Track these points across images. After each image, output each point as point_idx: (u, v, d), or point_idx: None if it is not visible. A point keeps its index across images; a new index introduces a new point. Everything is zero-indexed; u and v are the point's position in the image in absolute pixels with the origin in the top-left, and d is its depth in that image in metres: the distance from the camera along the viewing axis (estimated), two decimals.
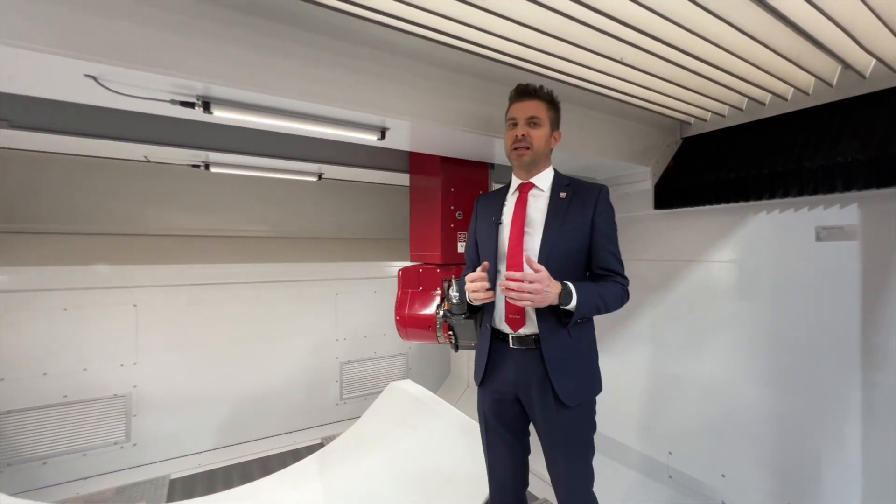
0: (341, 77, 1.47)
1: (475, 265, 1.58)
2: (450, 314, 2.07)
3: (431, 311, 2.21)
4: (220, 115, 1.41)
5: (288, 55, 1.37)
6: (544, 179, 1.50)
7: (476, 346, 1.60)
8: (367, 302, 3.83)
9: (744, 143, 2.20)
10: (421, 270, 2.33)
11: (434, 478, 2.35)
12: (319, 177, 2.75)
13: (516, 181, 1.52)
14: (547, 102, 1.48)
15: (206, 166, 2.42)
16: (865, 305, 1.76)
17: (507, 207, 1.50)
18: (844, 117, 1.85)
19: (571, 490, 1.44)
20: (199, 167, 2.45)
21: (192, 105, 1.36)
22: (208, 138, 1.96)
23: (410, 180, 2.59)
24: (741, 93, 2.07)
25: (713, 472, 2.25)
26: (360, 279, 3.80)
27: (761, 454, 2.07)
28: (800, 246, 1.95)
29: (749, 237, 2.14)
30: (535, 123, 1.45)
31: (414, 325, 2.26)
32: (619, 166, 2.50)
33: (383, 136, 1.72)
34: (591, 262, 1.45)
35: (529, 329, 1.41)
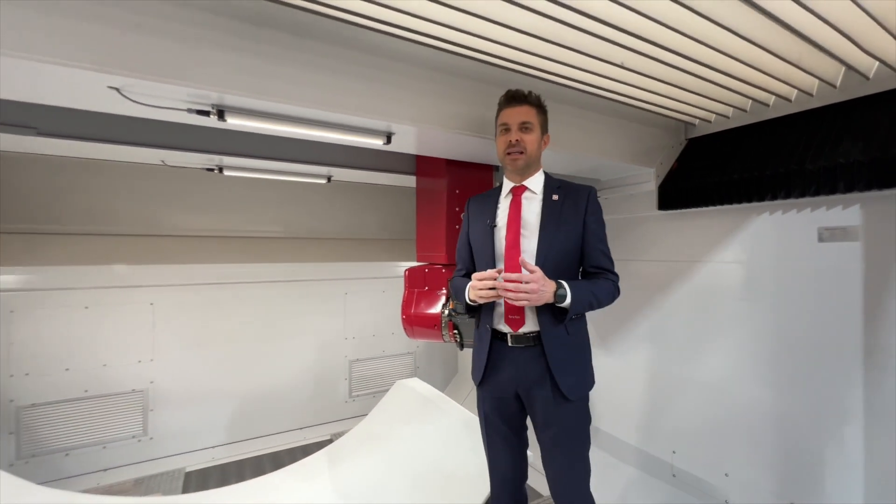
0: (348, 85, 1.53)
1: (467, 266, 1.64)
2: (455, 313, 2.13)
3: (437, 311, 2.26)
4: (234, 123, 1.48)
5: (297, 64, 1.43)
6: (536, 182, 1.54)
7: (473, 347, 1.64)
8: (375, 301, 3.90)
9: (747, 144, 2.21)
10: (427, 270, 2.39)
11: (440, 473, 2.40)
12: (329, 179, 2.82)
13: (509, 184, 1.57)
14: (536, 107, 1.53)
15: (220, 169, 2.50)
16: (867, 306, 1.76)
17: (502, 210, 1.54)
18: (847, 118, 1.86)
19: (568, 487, 1.47)
20: (213, 170, 2.53)
21: (207, 113, 1.43)
22: (222, 143, 2.04)
23: (417, 182, 2.65)
24: (744, 95, 2.08)
25: (716, 471, 2.26)
26: (369, 279, 3.87)
27: (764, 454, 2.08)
28: (802, 247, 1.95)
29: (752, 238, 2.15)
30: (527, 128, 1.50)
31: (420, 324, 2.32)
32: (623, 167, 2.52)
33: (389, 141, 1.78)
34: (583, 260, 1.50)
35: (528, 327, 1.45)
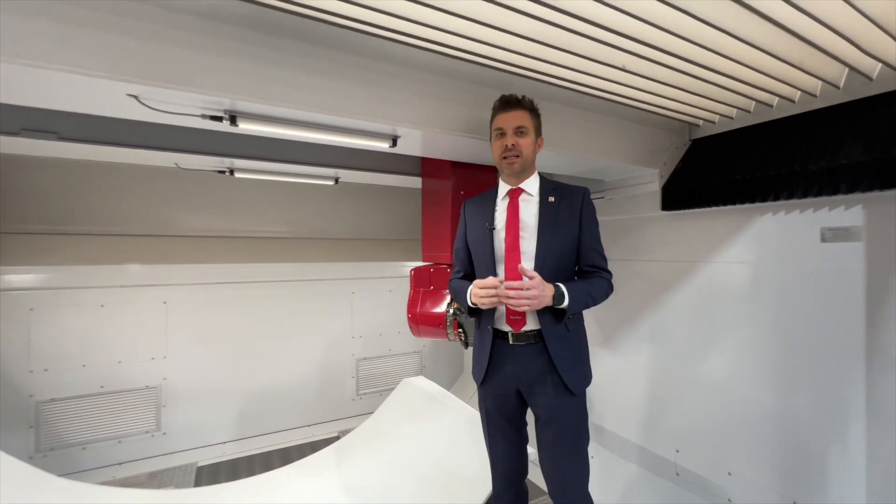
0: (354, 90, 1.57)
1: (465, 268, 1.68)
2: (459, 312, 2.17)
3: (442, 310, 2.30)
4: (245, 127, 1.54)
5: (306, 71, 1.48)
6: (532, 184, 1.58)
7: (474, 346, 1.68)
8: (381, 301, 3.95)
9: (751, 145, 2.22)
10: (432, 270, 2.43)
11: (445, 469, 2.44)
12: (336, 181, 2.88)
13: (505, 187, 1.60)
14: (530, 111, 1.57)
15: (231, 172, 2.57)
16: (870, 306, 1.77)
17: (500, 212, 1.58)
18: (850, 119, 1.86)
19: (569, 486, 1.51)
20: (225, 173, 2.60)
21: (220, 119, 1.49)
22: (233, 146, 2.11)
23: (422, 183, 2.69)
24: (747, 96, 2.08)
25: (720, 470, 2.27)
26: (375, 279, 3.91)
27: (767, 453, 2.08)
28: (805, 247, 1.96)
29: (755, 238, 2.16)
30: (522, 132, 1.54)
31: (425, 323, 2.36)
32: (627, 168, 2.54)
33: (395, 144, 1.82)
34: (579, 259, 1.55)
35: (529, 326, 1.50)
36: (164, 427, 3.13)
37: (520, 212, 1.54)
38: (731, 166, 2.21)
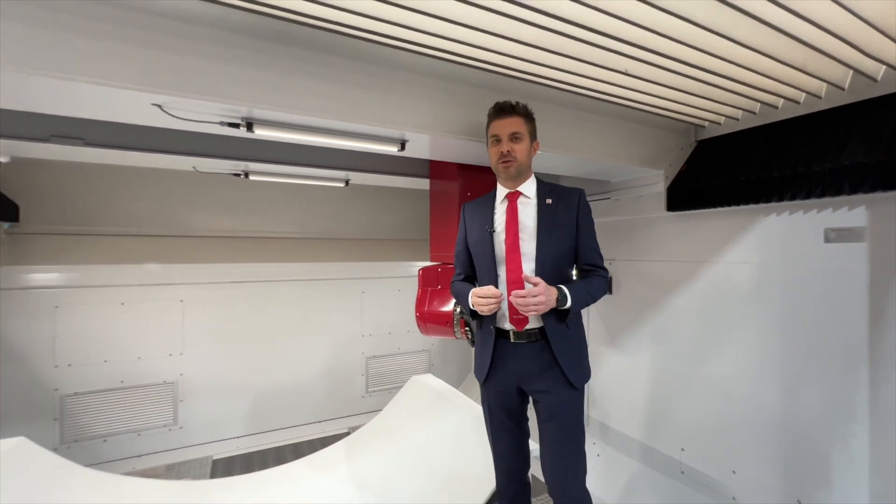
0: (364, 96, 1.64)
1: (466, 270, 1.73)
2: (466, 311, 2.22)
3: (449, 309, 2.36)
4: (261, 133, 1.61)
5: (318, 79, 1.55)
6: (530, 187, 1.63)
7: (476, 345, 1.73)
8: (391, 300, 4.01)
9: (756, 146, 2.24)
10: (440, 270, 2.49)
11: (452, 465, 2.50)
12: (347, 183, 2.96)
13: (503, 190, 1.65)
14: (524, 117, 1.61)
15: (246, 175, 2.66)
16: (873, 306, 1.78)
17: (499, 215, 1.63)
18: (854, 120, 1.87)
19: (569, 481, 1.54)
20: (240, 175, 2.69)
21: (237, 125, 1.57)
22: (249, 151, 2.19)
23: (430, 185, 2.76)
24: (752, 98, 2.10)
25: (724, 468, 2.29)
26: (385, 278, 3.98)
27: (771, 452, 2.10)
28: (809, 247, 1.98)
29: (759, 239, 2.18)
30: (517, 138, 1.58)
31: (433, 321, 2.42)
32: (633, 169, 2.57)
33: (403, 148, 1.89)
34: (576, 258, 1.60)
35: (532, 325, 1.55)
36: (181, 421, 3.24)
37: (518, 214, 1.59)
38: (736, 167, 2.23)
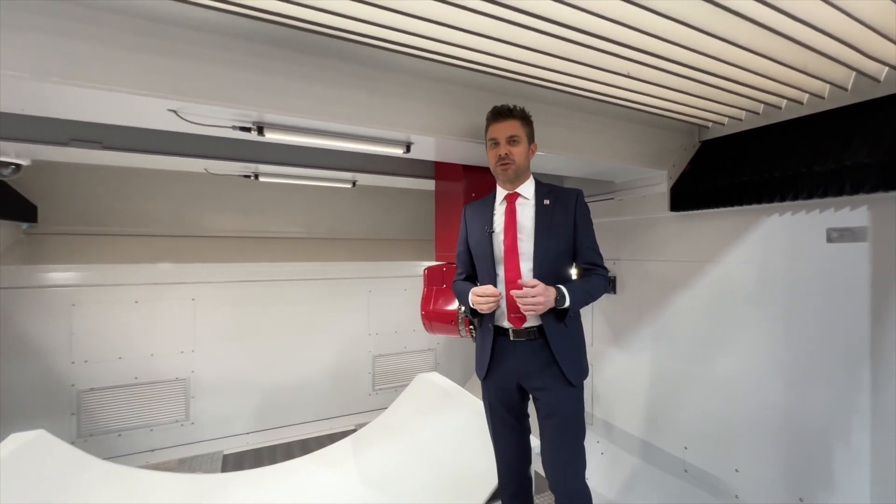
0: (370, 100, 1.69)
1: (467, 270, 1.78)
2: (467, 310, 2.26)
3: (454, 307, 2.40)
4: (272, 137, 1.67)
5: (326, 84, 1.60)
6: (528, 188, 1.67)
7: (477, 342, 1.77)
8: (397, 299, 4.06)
9: (759, 146, 2.25)
10: (445, 269, 2.53)
11: (456, 460, 2.54)
12: (354, 184, 3.01)
13: (502, 192, 1.69)
14: (522, 120, 1.64)
15: (256, 176, 2.73)
16: (875, 305, 1.79)
17: (498, 216, 1.67)
18: (857, 121, 1.88)
19: (569, 477, 1.58)
20: (250, 177, 2.76)
21: (248, 129, 1.62)
22: (259, 153, 2.25)
23: (435, 186, 2.80)
24: (755, 99, 2.11)
25: (727, 467, 2.31)
26: (391, 278, 4.03)
27: (774, 451, 2.11)
28: (811, 247, 1.99)
29: (762, 239, 2.19)
30: (514, 141, 1.62)
31: (438, 320, 2.46)
32: (636, 170, 2.59)
33: (408, 150, 1.93)
34: (575, 258, 1.63)
35: (529, 323, 1.58)
36: (193, 417, 3.32)
37: (517, 215, 1.63)
38: (739, 167, 2.24)
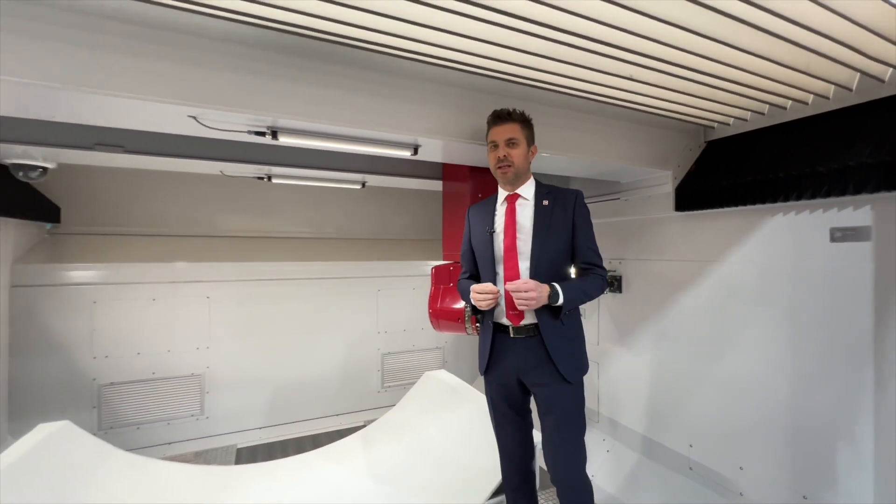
0: (379, 105, 1.75)
1: (471, 269, 1.83)
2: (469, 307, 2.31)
3: (461, 305, 2.45)
4: (285, 141, 1.74)
5: (337, 89, 1.67)
6: (528, 190, 1.72)
7: (479, 339, 1.82)
8: (405, 298, 4.12)
9: (764, 146, 2.26)
10: (451, 268, 2.59)
11: (462, 456, 2.59)
12: (363, 185, 3.08)
13: (503, 193, 1.74)
14: (521, 123, 1.68)
15: (269, 178, 2.81)
16: (878, 304, 1.80)
17: (499, 217, 1.72)
18: (861, 121, 1.89)
19: (569, 470, 1.62)
20: (263, 179, 2.85)
21: (263, 134, 1.69)
22: (272, 156, 2.33)
23: (443, 186, 2.86)
24: (759, 100, 2.13)
25: (732, 465, 2.32)
26: (400, 277, 4.09)
27: (778, 449, 2.13)
28: (815, 247, 2.00)
29: (766, 238, 2.20)
30: (513, 144, 1.66)
31: (445, 318, 2.52)
32: (641, 170, 2.62)
33: (416, 152, 1.99)
34: (574, 257, 1.67)
35: (527, 320, 1.63)
36: (208, 411, 3.42)
37: (517, 215, 1.68)
38: (744, 168, 2.26)
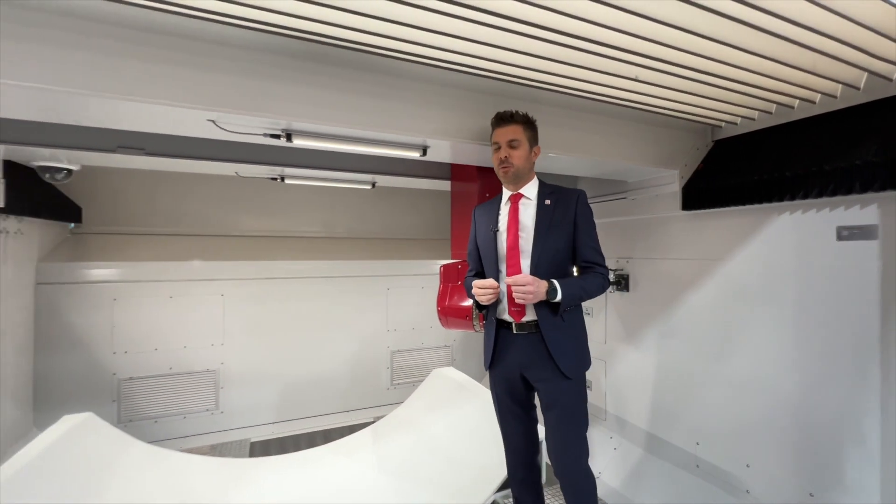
0: (389, 107, 1.80)
1: (477, 267, 1.88)
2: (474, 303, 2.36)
3: (468, 303, 2.49)
4: (299, 143, 1.80)
5: (349, 93, 1.73)
6: (531, 189, 1.75)
7: (484, 335, 1.86)
8: (414, 296, 4.17)
9: (771, 145, 2.27)
10: (460, 267, 2.63)
11: (470, 451, 2.64)
12: (373, 185, 3.15)
13: (507, 193, 1.79)
14: (523, 125, 1.72)
15: (282, 179, 2.89)
16: (885, 302, 1.80)
17: (503, 216, 1.76)
18: (868, 120, 1.90)
19: (570, 465, 1.66)
20: (276, 180, 2.92)
21: (278, 136, 1.76)
22: (286, 157, 2.40)
23: (451, 186, 2.90)
24: (768, 100, 2.13)
25: (738, 462, 2.33)
26: (409, 275, 4.14)
27: (784, 447, 2.13)
28: (822, 245, 2.00)
29: (773, 237, 2.21)
30: (514, 145, 1.70)
31: (453, 315, 2.56)
32: (648, 170, 2.63)
33: (424, 153, 2.04)
34: (576, 256, 1.70)
35: (529, 317, 1.67)
36: (222, 406, 3.51)
37: (519, 215, 1.72)
38: (750, 167, 2.27)
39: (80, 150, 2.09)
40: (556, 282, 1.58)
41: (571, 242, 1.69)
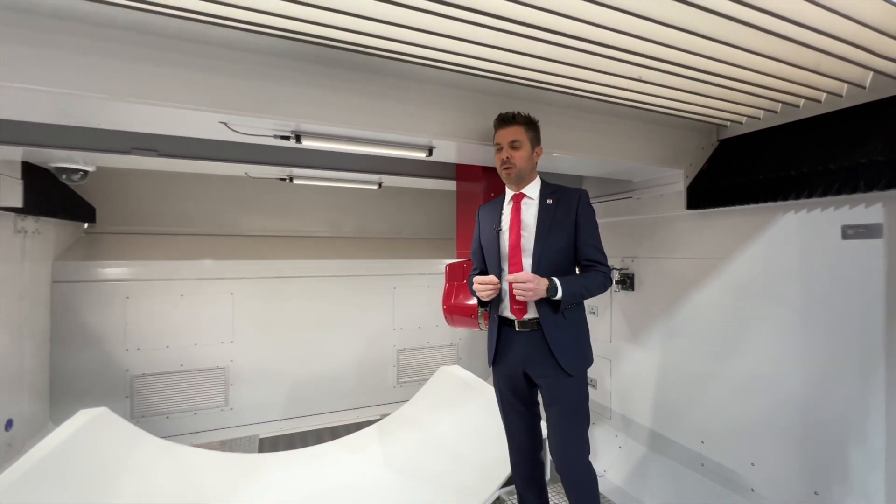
0: (395, 108, 1.83)
1: (480, 266, 1.91)
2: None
3: (474, 302, 2.52)
4: (308, 144, 1.85)
5: (357, 95, 1.76)
6: (533, 189, 1.78)
7: (487, 332, 1.89)
8: (420, 295, 4.21)
9: (777, 144, 2.27)
10: (465, 265, 2.66)
11: (475, 447, 2.67)
12: (380, 185, 3.18)
13: (510, 193, 1.82)
14: (525, 126, 1.74)
15: (290, 179, 2.94)
16: (890, 301, 1.80)
17: (505, 216, 1.79)
18: (873, 119, 1.90)
19: (571, 461, 1.68)
20: (285, 180, 2.97)
21: (287, 138, 1.80)
22: (294, 158, 2.45)
23: (457, 186, 2.93)
24: (773, 99, 2.14)
25: (743, 461, 2.34)
26: (415, 275, 4.18)
27: (789, 446, 2.13)
28: (827, 244, 2.00)
29: (778, 236, 2.21)
30: (516, 146, 1.73)
31: (459, 314, 2.59)
32: (653, 169, 2.64)
33: (430, 154, 2.07)
34: (577, 254, 1.72)
35: (531, 315, 1.70)
36: (232, 403, 3.57)
37: (521, 214, 1.75)
38: (755, 166, 2.27)
39: (95, 152, 2.15)
40: (556, 280, 1.61)
41: (573, 241, 1.71)
